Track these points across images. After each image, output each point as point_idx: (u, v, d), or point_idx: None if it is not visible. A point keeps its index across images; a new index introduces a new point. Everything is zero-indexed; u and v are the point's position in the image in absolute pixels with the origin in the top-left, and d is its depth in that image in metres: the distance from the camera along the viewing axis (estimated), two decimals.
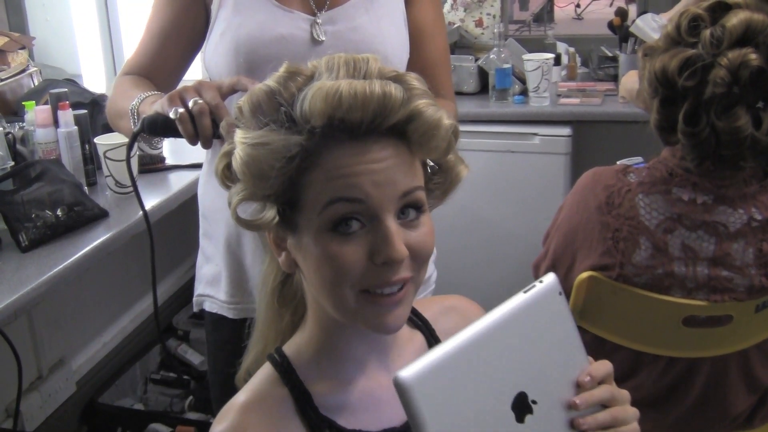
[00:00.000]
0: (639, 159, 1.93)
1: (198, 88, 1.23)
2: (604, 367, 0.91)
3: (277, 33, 1.45)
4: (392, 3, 1.53)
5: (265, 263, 1.01)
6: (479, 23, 3.29)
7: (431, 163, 0.94)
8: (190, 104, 1.20)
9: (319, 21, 1.47)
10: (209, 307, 1.61)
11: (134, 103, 1.38)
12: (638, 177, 1.55)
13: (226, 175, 0.93)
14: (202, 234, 1.63)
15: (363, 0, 1.49)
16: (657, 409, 1.64)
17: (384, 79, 0.87)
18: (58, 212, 1.81)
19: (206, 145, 1.23)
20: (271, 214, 0.89)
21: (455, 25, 3.30)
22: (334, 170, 0.85)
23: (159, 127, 1.25)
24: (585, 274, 1.57)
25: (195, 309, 1.65)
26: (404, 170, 0.87)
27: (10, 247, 1.76)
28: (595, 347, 1.68)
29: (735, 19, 1.39)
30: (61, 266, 1.69)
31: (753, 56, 1.37)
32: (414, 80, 0.90)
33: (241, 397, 0.95)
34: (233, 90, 1.26)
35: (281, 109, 0.87)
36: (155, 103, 1.29)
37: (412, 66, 1.54)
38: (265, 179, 0.87)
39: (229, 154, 0.93)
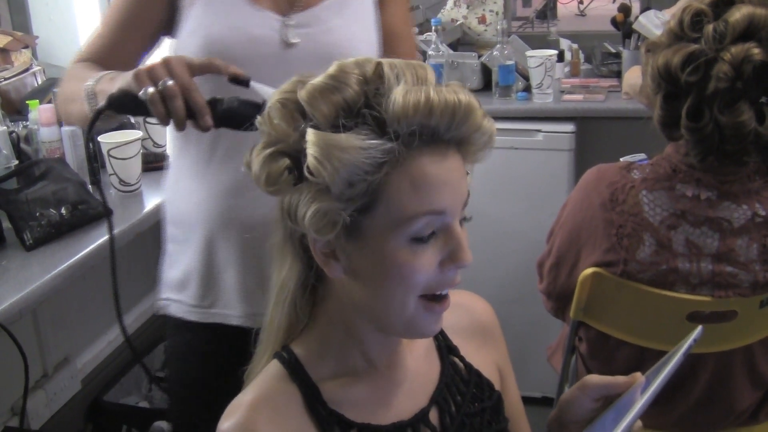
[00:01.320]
0: (642, 156, 1.93)
1: (168, 66, 1.17)
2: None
3: (248, 34, 1.41)
4: (363, 7, 1.51)
5: (284, 269, 0.98)
6: (482, 20, 3.28)
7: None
8: (160, 85, 1.15)
9: (291, 23, 1.43)
10: (174, 310, 1.54)
11: (90, 83, 1.31)
12: (642, 173, 1.55)
13: (272, 180, 0.89)
14: (169, 239, 1.54)
15: (335, 3, 1.47)
16: (661, 405, 1.64)
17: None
18: (63, 211, 1.81)
19: (180, 128, 1.18)
20: (339, 219, 0.86)
21: (458, 22, 3.29)
22: (420, 179, 0.85)
23: (127, 105, 1.19)
24: (589, 271, 1.57)
25: (157, 312, 1.58)
26: (464, 178, 0.90)
27: (15, 246, 1.76)
28: (600, 343, 1.68)
29: (738, 14, 1.38)
30: (65, 265, 1.69)
31: (756, 51, 1.37)
32: (462, 89, 0.89)
33: (248, 394, 0.95)
34: (204, 71, 1.21)
35: (364, 111, 0.85)
36: (116, 80, 1.24)
37: None
38: (352, 185, 0.85)
39: (278, 155, 0.89)
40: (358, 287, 0.91)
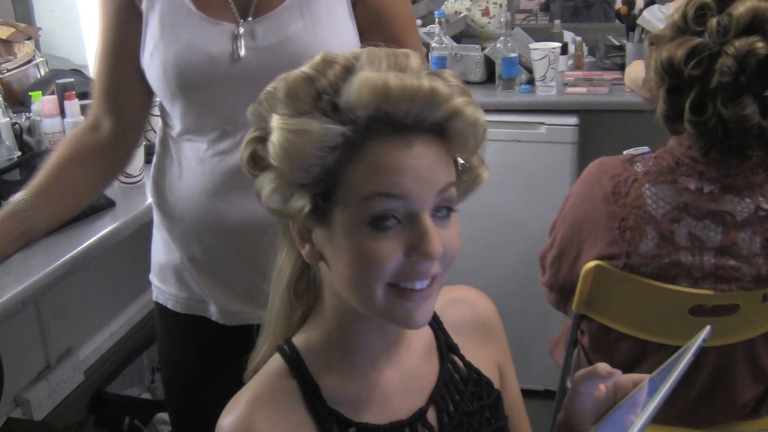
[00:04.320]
0: (645, 148, 1.93)
1: None
2: None
3: (206, 53, 1.30)
4: (329, 4, 1.36)
5: (282, 255, 0.99)
6: (486, 12, 3.28)
7: (461, 161, 0.93)
8: None
9: (240, 32, 1.31)
10: (156, 297, 1.54)
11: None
12: (645, 166, 1.55)
13: (252, 163, 0.92)
14: (155, 225, 1.52)
15: (296, 2, 1.33)
16: None
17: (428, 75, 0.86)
18: None
19: None
20: (301, 203, 0.87)
21: (461, 15, 3.29)
22: (377, 164, 0.84)
23: None
24: (591, 264, 1.57)
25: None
26: (442, 167, 0.87)
27: None
28: (602, 336, 1.68)
29: (742, 8, 1.38)
30: (68, 256, 1.69)
31: (760, 45, 1.36)
32: (451, 77, 0.89)
33: (249, 390, 0.95)
34: None
35: (324, 97, 0.85)
36: None
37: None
38: (304, 167, 0.85)
39: (256, 140, 0.91)
40: (333, 274, 0.91)
